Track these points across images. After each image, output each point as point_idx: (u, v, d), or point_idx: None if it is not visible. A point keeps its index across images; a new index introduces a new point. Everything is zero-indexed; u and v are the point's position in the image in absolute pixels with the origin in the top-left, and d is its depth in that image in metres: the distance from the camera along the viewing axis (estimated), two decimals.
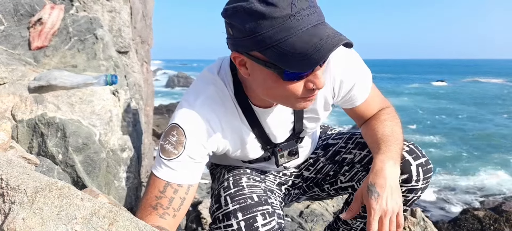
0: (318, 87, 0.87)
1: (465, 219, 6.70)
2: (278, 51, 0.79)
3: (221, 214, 1.06)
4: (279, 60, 0.80)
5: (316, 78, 0.86)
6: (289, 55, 0.78)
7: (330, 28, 0.81)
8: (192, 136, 0.99)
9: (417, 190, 1.15)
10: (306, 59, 0.78)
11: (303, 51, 0.77)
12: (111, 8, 1.91)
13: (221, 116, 1.05)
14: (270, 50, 0.80)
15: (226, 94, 1.06)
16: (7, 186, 0.70)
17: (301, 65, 0.79)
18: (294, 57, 0.78)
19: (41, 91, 1.38)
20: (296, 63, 0.79)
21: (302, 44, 0.77)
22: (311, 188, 1.42)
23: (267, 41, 0.79)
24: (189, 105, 1.03)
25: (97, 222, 0.67)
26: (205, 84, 1.07)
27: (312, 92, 0.89)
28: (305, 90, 0.88)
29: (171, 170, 0.99)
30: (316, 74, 0.85)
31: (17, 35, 1.63)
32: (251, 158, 1.20)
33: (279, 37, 0.78)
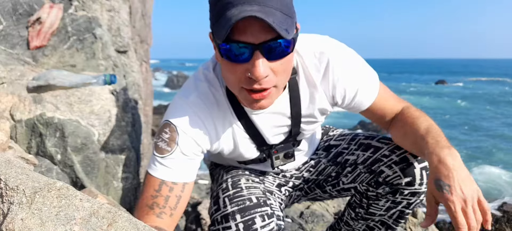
0: (253, 76, 0.84)
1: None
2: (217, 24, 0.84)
3: (220, 216, 1.06)
4: (215, 32, 0.85)
5: (252, 66, 0.83)
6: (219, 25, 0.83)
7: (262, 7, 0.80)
8: (185, 132, 0.99)
9: (420, 193, 1.15)
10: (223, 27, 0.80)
11: (225, 21, 0.80)
12: (110, 7, 1.91)
13: (214, 113, 1.05)
14: (214, 24, 0.86)
15: (219, 92, 1.06)
16: (6, 186, 0.69)
17: (219, 33, 0.82)
18: (219, 26, 0.82)
19: (39, 91, 1.37)
20: (218, 31, 0.83)
21: (228, 16, 0.80)
22: (312, 189, 1.41)
23: (214, 16, 0.85)
24: (182, 102, 1.03)
25: (96, 222, 0.67)
26: (198, 82, 1.07)
27: (251, 82, 0.87)
28: (245, 78, 0.87)
29: (165, 168, 0.99)
30: (253, 61, 0.83)
31: (15, 35, 1.63)
32: (246, 158, 1.19)
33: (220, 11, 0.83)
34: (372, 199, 1.26)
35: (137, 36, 2.56)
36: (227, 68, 0.89)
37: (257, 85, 0.87)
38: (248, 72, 0.85)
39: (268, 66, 0.85)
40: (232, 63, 0.86)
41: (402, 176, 1.14)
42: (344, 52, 1.07)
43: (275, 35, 0.81)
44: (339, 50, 1.06)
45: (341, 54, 1.06)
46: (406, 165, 1.14)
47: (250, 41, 0.81)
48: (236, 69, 0.87)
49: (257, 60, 0.83)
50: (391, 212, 1.24)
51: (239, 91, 0.92)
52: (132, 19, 2.32)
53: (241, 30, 0.81)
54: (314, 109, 1.12)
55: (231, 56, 0.85)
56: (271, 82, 0.88)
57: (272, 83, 0.89)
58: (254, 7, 0.78)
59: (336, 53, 1.05)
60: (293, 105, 1.09)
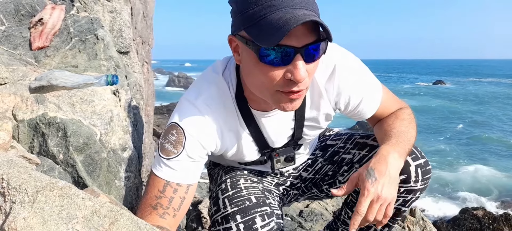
0: (296, 79, 0.84)
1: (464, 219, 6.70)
2: (258, 27, 0.81)
3: (220, 217, 1.06)
4: (256, 36, 0.82)
5: (295, 68, 0.83)
6: (263, 30, 0.80)
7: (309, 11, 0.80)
8: (192, 135, 0.99)
9: (415, 191, 1.16)
10: (273, 32, 0.79)
11: (273, 26, 0.78)
12: (111, 9, 1.92)
13: (221, 117, 1.05)
14: (252, 27, 0.82)
15: (227, 95, 1.06)
16: (8, 185, 0.70)
17: (269, 38, 0.79)
18: (266, 31, 0.80)
19: (42, 91, 1.38)
20: (266, 37, 0.80)
21: (275, 20, 0.78)
22: (309, 188, 1.42)
23: (251, 18, 0.82)
24: (190, 104, 1.03)
25: (98, 221, 0.67)
26: (207, 84, 1.07)
27: (291, 84, 0.86)
28: (283, 80, 0.86)
29: (170, 169, 0.99)
30: (296, 64, 0.83)
31: (18, 36, 1.64)
32: (247, 160, 1.20)
33: (260, 13, 0.80)
34: None
35: (139, 37, 2.57)
36: (265, 71, 0.86)
37: (295, 88, 0.87)
38: (289, 75, 0.84)
39: (306, 69, 0.85)
40: (272, 67, 0.84)
41: None
42: (350, 60, 1.08)
43: (315, 39, 0.82)
44: (345, 58, 1.07)
45: (347, 62, 1.06)
46: None
47: (294, 44, 0.81)
48: (275, 73, 0.85)
49: (299, 63, 0.83)
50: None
51: (274, 94, 0.90)
52: (134, 20, 2.33)
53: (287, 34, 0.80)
54: (318, 114, 1.13)
55: (273, 60, 0.83)
56: (306, 84, 0.89)
57: (307, 85, 0.89)
58: (303, 11, 0.79)
59: (343, 61, 1.05)
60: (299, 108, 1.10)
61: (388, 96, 1.17)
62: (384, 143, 1.06)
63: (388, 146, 1.03)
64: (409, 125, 1.13)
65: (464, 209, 7.24)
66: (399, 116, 1.15)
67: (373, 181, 0.97)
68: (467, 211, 7.01)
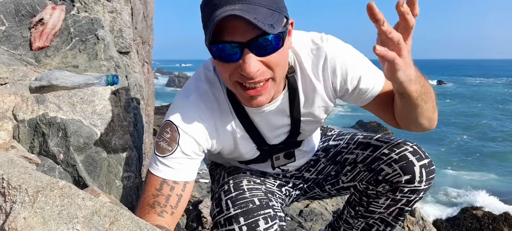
0: (246, 73, 0.86)
1: (464, 218, 6.70)
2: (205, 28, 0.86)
3: (223, 219, 1.05)
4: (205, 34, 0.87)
5: (244, 63, 0.85)
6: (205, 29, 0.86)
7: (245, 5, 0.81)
8: (185, 132, 1.00)
9: (419, 191, 1.15)
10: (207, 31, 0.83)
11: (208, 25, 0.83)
12: (112, 9, 1.92)
13: (215, 113, 1.06)
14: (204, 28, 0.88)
15: (220, 92, 1.07)
16: (9, 185, 0.70)
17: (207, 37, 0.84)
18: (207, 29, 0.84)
19: (42, 91, 1.39)
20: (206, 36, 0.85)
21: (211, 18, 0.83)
22: (312, 188, 1.41)
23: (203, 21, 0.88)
24: (183, 102, 1.04)
25: (98, 221, 0.68)
26: (199, 82, 1.08)
27: (244, 79, 0.89)
28: (238, 75, 0.89)
29: (166, 167, 0.99)
30: (245, 58, 0.85)
31: (18, 36, 1.64)
32: (246, 158, 1.20)
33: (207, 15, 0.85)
34: (372, 197, 1.27)
35: (139, 37, 2.57)
36: (221, 68, 0.91)
37: (251, 81, 0.89)
38: (240, 70, 0.87)
39: (259, 62, 0.86)
40: (225, 63, 0.88)
41: (402, 174, 1.15)
42: (340, 45, 1.06)
43: (262, 31, 0.81)
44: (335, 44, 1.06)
45: (338, 47, 1.05)
46: (406, 163, 1.15)
47: (238, 40, 0.83)
48: (229, 68, 0.89)
49: (247, 56, 0.84)
50: (391, 209, 1.25)
51: (235, 88, 0.94)
52: (134, 20, 2.33)
53: (229, 30, 0.82)
54: (314, 108, 1.12)
55: (222, 56, 0.87)
56: (265, 75, 0.89)
57: (266, 75, 0.90)
58: (237, 6, 0.80)
59: (333, 46, 1.04)
60: (292, 104, 1.10)
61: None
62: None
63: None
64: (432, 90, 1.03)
65: (464, 209, 7.24)
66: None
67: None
68: (467, 211, 7.01)
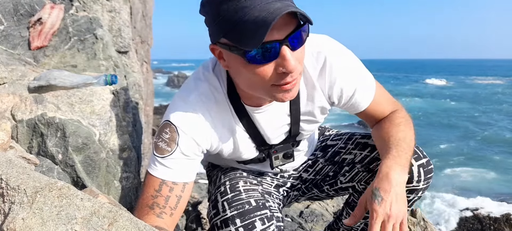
0: (288, 70, 0.84)
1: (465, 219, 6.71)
2: (237, 31, 0.81)
3: (219, 221, 1.05)
4: (238, 40, 0.82)
5: (284, 60, 0.83)
6: (243, 33, 0.80)
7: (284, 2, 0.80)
8: (185, 132, 0.99)
9: (418, 191, 1.15)
10: (253, 34, 0.78)
11: (252, 27, 0.78)
12: (111, 8, 1.91)
13: (214, 113, 1.05)
14: (231, 32, 0.82)
15: (219, 91, 1.06)
16: (7, 186, 0.70)
17: (251, 41, 0.80)
18: (246, 34, 0.79)
19: (41, 91, 1.38)
20: (248, 40, 0.80)
21: (252, 20, 0.78)
22: (310, 189, 1.41)
23: (227, 24, 0.82)
24: (182, 102, 1.03)
25: (97, 222, 0.67)
26: (198, 81, 1.06)
27: (284, 76, 0.86)
28: (276, 75, 0.86)
29: (165, 168, 0.99)
30: (284, 55, 0.83)
31: (16, 35, 1.63)
32: (245, 158, 1.19)
33: (235, 18, 0.80)
34: None
35: (138, 36, 2.56)
36: (255, 71, 0.86)
37: (289, 78, 0.87)
38: (280, 68, 0.85)
39: (295, 57, 0.86)
40: (261, 65, 0.85)
41: None
42: (341, 52, 1.07)
43: (295, 26, 0.83)
44: (336, 51, 1.06)
45: (338, 54, 1.06)
46: None
47: (277, 38, 0.81)
48: (266, 70, 0.86)
49: (287, 55, 0.83)
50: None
51: (269, 90, 0.91)
52: (133, 19, 2.33)
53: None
54: (314, 108, 1.12)
55: (260, 59, 0.84)
56: (299, 70, 0.89)
57: (299, 70, 0.90)
58: (277, 4, 0.78)
59: (333, 53, 1.05)
60: (293, 103, 1.09)
61: (381, 92, 1.16)
62: (384, 157, 1.04)
63: (389, 161, 1.01)
64: (406, 128, 1.11)
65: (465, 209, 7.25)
66: (394, 121, 1.13)
67: (379, 201, 0.96)
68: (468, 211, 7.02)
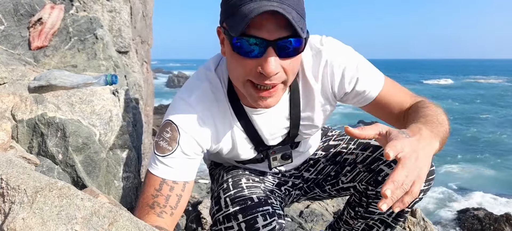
0: (265, 72, 0.85)
1: (465, 219, 6.71)
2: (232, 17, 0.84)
3: (222, 216, 1.06)
4: (230, 26, 0.85)
5: (265, 62, 0.84)
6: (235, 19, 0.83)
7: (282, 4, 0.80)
8: (186, 132, 0.99)
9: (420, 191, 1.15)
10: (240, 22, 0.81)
11: (241, 16, 0.81)
12: (111, 8, 1.91)
13: (214, 113, 1.05)
14: (229, 18, 0.86)
15: (220, 91, 1.06)
16: (7, 186, 0.70)
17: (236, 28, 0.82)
18: (236, 20, 0.82)
19: (41, 91, 1.38)
20: (235, 26, 0.83)
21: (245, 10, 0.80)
22: (312, 188, 1.41)
23: (229, 9, 0.85)
24: (183, 102, 1.03)
25: (97, 222, 0.67)
26: (199, 81, 1.07)
27: (262, 78, 0.87)
28: (255, 72, 0.87)
29: (166, 167, 0.99)
30: (266, 57, 0.84)
31: (17, 35, 1.63)
32: (243, 158, 1.19)
33: (237, 4, 0.82)
34: (371, 198, 1.27)
35: (138, 36, 2.57)
36: (238, 62, 0.89)
37: (267, 81, 0.88)
38: (259, 68, 0.86)
39: (279, 64, 0.86)
40: (244, 58, 0.86)
41: None
42: (340, 47, 1.06)
43: (289, 34, 0.82)
44: (334, 46, 1.06)
45: (337, 49, 1.05)
46: None
47: (265, 37, 0.82)
48: (247, 63, 0.87)
49: (270, 57, 0.84)
50: (391, 210, 1.25)
51: (244, 86, 0.92)
52: (133, 20, 2.33)
53: (257, 25, 0.81)
54: (314, 113, 1.12)
55: (244, 50, 0.85)
56: (280, 78, 0.89)
57: (280, 79, 0.90)
58: (274, 3, 0.79)
59: (332, 49, 1.04)
60: (293, 106, 1.10)
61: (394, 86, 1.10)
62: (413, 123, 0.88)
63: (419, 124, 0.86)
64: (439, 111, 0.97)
65: (465, 210, 7.24)
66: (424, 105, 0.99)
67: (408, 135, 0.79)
68: (468, 211, 7.02)
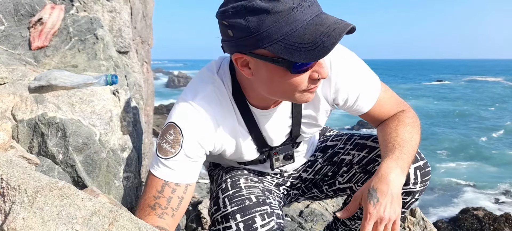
0: (323, 77, 0.88)
1: (464, 219, 6.71)
2: (286, 44, 0.80)
3: (220, 216, 1.06)
4: (289, 53, 0.81)
5: (320, 68, 0.87)
6: (298, 46, 0.80)
7: (331, 16, 0.83)
8: (189, 134, 0.99)
9: (414, 193, 1.15)
10: (316, 48, 0.79)
11: (312, 41, 0.79)
12: (111, 8, 1.92)
13: (218, 115, 1.05)
14: (277, 45, 0.81)
15: (224, 93, 1.06)
16: (8, 185, 0.70)
17: (311, 54, 0.80)
18: (303, 47, 0.79)
19: (41, 91, 1.38)
20: (306, 53, 0.80)
21: (310, 34, 0.79)
22: (309, 189, 1.41)
23: (273, 37, 0.80)
24: (187, 104, 1.02)
25: (98, 221, 0.67)
26: (203, 83, 1.06)
27: (316, 82, 0.90)
28: (309, 81, 0.89)
29: (168, 169, 0.99)
30: (320, 63, 0.87)
31: (17, 35, 1.64)
32: (245, 159, 1.20)
33: (285, 30, 0.79)
34: None
35: (138, 37, 2.57)
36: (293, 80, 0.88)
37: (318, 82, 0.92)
38: (316, 74, 0.88)
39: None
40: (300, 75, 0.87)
41: None
42: (346, 56, 1.07)
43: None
44: (341, 54, 1.06)
45: (343, 58, 1.06)
46: None
47: None
48: (303, 77, 0.88)
49: (324, 61, 0.88)
50: None
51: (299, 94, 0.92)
52: (133, 20, 2.33)
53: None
54: (315, 111, 1.13)
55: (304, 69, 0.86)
56: None
57: None
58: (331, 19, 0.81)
59: (338, 56, 1.05)
60: (294, 105, 1.10)
61: (387, 95, 1.15)
62: (386, 155, 1.04)
63: (390, 161, 1.00)
64: (413, 129, 1.09)
65: (465, 209, 7.24)
66: (402, 120, 1.11)
67: (374, 202, 0.97)
68: (468, 211, 7.01)
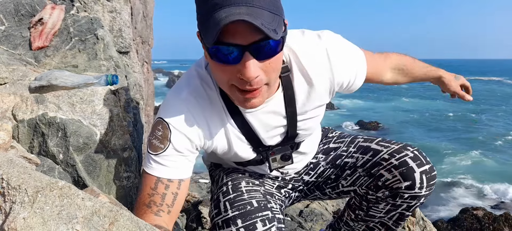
0: (245, 78, 0.84)
1: (464, 219, 6.69)
2: (204, 26, 0.84)
3: (221, 221, 1.04)
4: (204, 35, 0.85)
5: (244, 68, 0.83)
6: (207, 28, 0.82)
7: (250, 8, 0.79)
8: (177, 129, 0.99)
9: (420, 197, 1.15)
10: (211, 31, 0.80)
11: (212, 24, 0.79)
12: (111, 9, 1.92)
13: (206, 110, 1.04)
14: (201, 26, 0.85)
15: (212, 88, 1.05)
16: (8, 185, 0.70)
17: (208, 37, 0.81)
18: (208, 29, 0.81)
19: (42, 91, 1.38)
20: (207, 35, 0.82)
21: (214, 18, 0.79)
22: (312, 191, 1.40)
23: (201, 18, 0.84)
24: (174, 99, 1.03)
25: (98, 221, 0.67)
26: (190, 78, 1.06)
27: (244, 83, 0.87)
28: (236, 78, 0.87)
29: (159, 165, 0.99)
30: (245, 64, 0.83)
31: (18, 35, 1.64)
32: (242, 159, 1.19)
33: (207, 12, 0.81)
34: (371, 202, 1.27)
35: (139, 37, 2.57)
36: (217, 68, 0.88)
37: (248, 86, 0.87)
38: (239, 73, 0.85)
39: (258, 66, 0.85)
40: (223, 65, 0.85)
41: (402, 180, 1.14)
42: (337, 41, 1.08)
43: (264, 35, 0.80)
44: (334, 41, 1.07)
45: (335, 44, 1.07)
46: (406, 169, 1.14)
47: (239, 42, 0.81)
48: (226, 70, 0.86)
49: (248, 62, 0.82)
50: (391, 214, 1.24)
51: (230, 90, 0.92)
52: (134, 20, 2.33)
53: (230, 32, 0.80)
54: (311, 105, 1.11)
55: (220, 58, 0.84)
56: (262, 81, 0.89)
57: (263, 82, 0.89)
58: (242, 9, 0.77)
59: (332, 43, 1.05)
60: (288, 104, 1.08)
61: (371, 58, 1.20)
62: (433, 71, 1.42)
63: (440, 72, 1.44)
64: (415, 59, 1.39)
65: (464, 209, 7.23)
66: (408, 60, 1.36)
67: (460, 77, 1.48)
68: (467, 210, 7.00)
